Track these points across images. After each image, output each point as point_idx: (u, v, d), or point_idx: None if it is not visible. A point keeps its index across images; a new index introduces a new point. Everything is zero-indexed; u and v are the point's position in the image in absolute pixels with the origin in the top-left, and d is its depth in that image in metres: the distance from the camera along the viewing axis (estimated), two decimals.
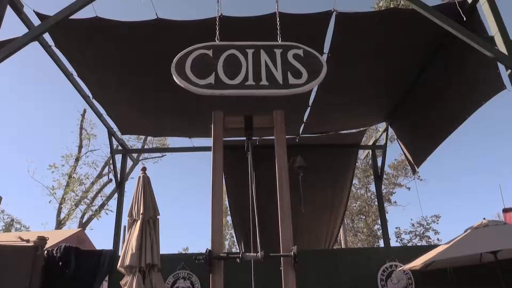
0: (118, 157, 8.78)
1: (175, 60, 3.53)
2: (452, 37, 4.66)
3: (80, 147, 18.79)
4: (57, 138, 35.91)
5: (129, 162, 16.79)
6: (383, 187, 19.84)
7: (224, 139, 3.44)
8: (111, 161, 8.29)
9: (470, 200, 36.79)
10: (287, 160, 3.35)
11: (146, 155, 19.18)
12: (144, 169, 5.40)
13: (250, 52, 3.63)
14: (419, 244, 21.12)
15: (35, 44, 4.74)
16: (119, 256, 4.95)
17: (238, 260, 3.04)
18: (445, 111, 6.40)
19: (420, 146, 7.37)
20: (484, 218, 5.86)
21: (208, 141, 8.13)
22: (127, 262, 4.71)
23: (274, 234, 3.31)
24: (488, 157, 36.81)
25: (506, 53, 4.11)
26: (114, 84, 6.22)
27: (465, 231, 5.94)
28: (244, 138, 3.52)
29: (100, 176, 18.40)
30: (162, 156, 19.21)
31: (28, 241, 6.11)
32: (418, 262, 5.97)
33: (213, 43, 3.68)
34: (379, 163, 8.71)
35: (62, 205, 17.59)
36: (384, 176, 13.97)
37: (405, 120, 7.43)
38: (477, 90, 5.55)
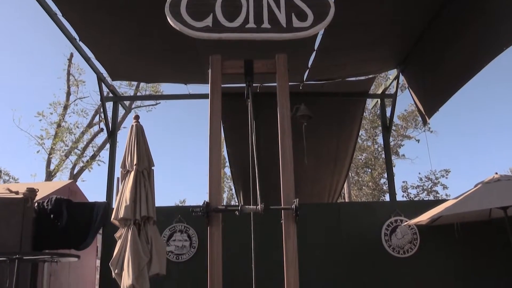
0: (109, 105, 8.76)
1: None
2: None
3: (68, 94, 18.67)
4: (43, 84, 35.62)
5: (121, 111, 16.79)
6: (391, 138, 19.91)
7: (222, 85, 3.42)
8: (101, 109, 8.27)
9: (483, 154, 37.08)
10: (290, 108, 3.35)
11: (139, 102, 19.09)
12: (137, 117, 5.39)
13: None
14: (427, 199, 21.51)
15: None
16: (113, 208, 5.05)
17: (237, 212, 3.11)
18: (462, 57, 6.30)
19: (433, 95, 7.33)
20: (496, 173, 5.94)
21: (205, 88, 8.08)
22: (121, 214, 4.81)
23: (275, 186, 3.37)
24: (505, 109, 36.66)
25: None
26: (103, 24, 6.08)
27: (475, 186, 6.04)
28: (244, 84, 3.49)
29: (90, 125, 18.42)
30: (156, 104, 19.14)
31: (17, 193, 6.22)
32: (424, 217, 6.11)
33: None
34: (388, 114, 8.70)
35: (52, 156, 17.73)
36: (393, 127, 13.99)
37: (418, 67, 7.34)
38: (499, 34, 5.43)
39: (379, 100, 8.99)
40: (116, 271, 4.78)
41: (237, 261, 5.43)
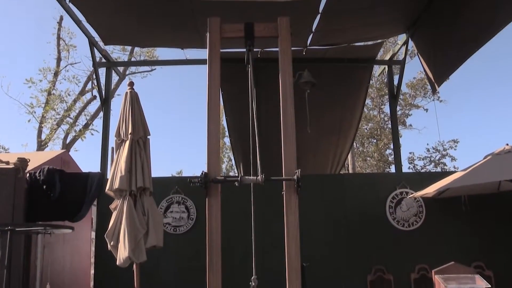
0: (102, 71, 8.69)
1: None
2: None
3: (59, 59, 18.47)
4: (32, 49, 35.23)
5: (115, 77, 16.65)
6: (398, 108, 19.82)
7: (221, 50, 3.38)
8: (94, 76, 8.22)
9: (495, 124, 36.90)
10: (292, 74, 3.32)
11: (133, 69, 18.95)
12: (131, 84, 5.36)
13: None
14: (434, 171, 21.61)
15: None
16: (107, 179, 5.09)
17: (236, 183, 3.13)
18: (475, 21, 6.19)
19: (443, 62, 7.25)
20: (507, 144, 5.94)
21: (203, 53, 8.02)
22: (116, 185, 4.84)
23: (276, 156, 3.37)
24: None
25: None
26: None
27: (484, 158, 6.06)
28: (244, 49, 3.45)
29: (82, 92, 18.31)
30: (152, 70, 19.01)
31: (8, 163, 6.23)
32: (431, 189, 6.15)
33: None
34: (396, 81, 8.64)
35: (43, 125, 17.69)
36: (400, 95, 13.92)
37: (429, 30, 7.23)
38: None
39: (386, 66, 8.91)
40: (112, 243, 4.85)
41: (236, 234, 5.51)
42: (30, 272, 6.31)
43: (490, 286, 5.14)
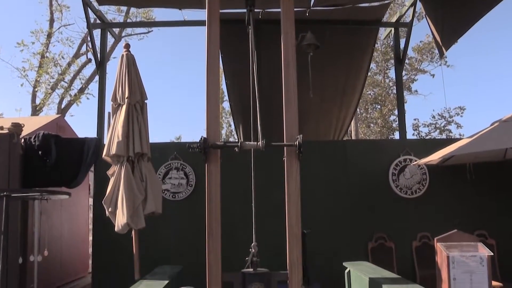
0: (97, 33, 8.56)
1: None
2: None
3: (52, 21, 18.22)
4: (23, 10, 34.70)
5: (110, 40, 16.44)
6: (404, 72, 19.68)
7: (221, 10, 3.33)
8: (88, 38, 8.11)
9: (503, 90, 36.69)
10: (295, 36, 3.28)
11: (129, 30, 18.72)
12: (127, 46, 5.30)
13: None
14: (439, 138, 21.64)
15: None
16: (104, 144, 5.10)
17: (236, 149, 3.14)
18: None
19: (453, 24, 7.14)
20: None
21: (202, 14, 7.89)
22: (113, 151, 4.86)
23: (277, 121, 3.37)
24: None
25: None
26: None
27: (491, 124, 6.05)
28: (245, 10, 3.40)
29: (77, 55, 18.12)
30: (148, 32, 18.78)
31: (1, 128, 6.23)
32: (435, 157, 6.17)
33: None
34: (402, 45, 8.54)
35: (37, 89, 17.62)
36: (406, 60, 13.79)
37: None
38: None
39: (392, 29, 8.79)
40: (109, 210, 4.90)
41: (236, 200, 5.56)
42: (28, 239, 6.40)
43: (492, 254, 5.23)
